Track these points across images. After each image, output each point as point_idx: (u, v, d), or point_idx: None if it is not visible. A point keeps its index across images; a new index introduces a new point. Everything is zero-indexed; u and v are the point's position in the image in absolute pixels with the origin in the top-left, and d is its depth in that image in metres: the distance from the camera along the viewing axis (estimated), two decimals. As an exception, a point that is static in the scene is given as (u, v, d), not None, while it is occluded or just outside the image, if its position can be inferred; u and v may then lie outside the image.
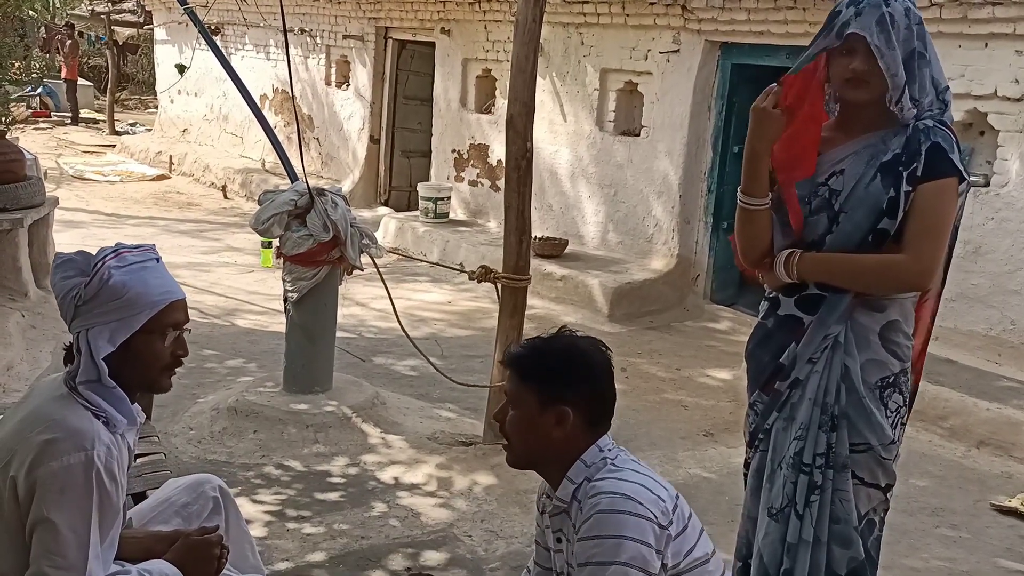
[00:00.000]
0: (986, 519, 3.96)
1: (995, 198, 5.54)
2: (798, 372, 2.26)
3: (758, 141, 2.26)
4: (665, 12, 7.11)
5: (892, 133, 2.19)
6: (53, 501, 1.80)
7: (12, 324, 5.24)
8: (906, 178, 2.14)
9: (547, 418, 1.97)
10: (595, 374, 2.01)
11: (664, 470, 4.28)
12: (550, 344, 2.04)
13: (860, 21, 2.11)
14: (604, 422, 2.03)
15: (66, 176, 12.05)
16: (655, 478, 1.96)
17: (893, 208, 2.14)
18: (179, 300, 1.99)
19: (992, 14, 5.35)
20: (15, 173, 5.62)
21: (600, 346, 2.06)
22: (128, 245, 2.00)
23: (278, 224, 4.27)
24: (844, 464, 2.24)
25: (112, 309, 1.89)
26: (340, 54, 10.86)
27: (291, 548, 3.30)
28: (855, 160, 2.20)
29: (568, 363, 1.99)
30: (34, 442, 1.81)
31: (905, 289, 2.23)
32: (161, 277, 1.97)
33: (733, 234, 2.37)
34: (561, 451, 1.99)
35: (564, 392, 1.97)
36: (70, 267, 1.92)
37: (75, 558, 1.81)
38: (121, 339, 1.90)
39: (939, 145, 2.14)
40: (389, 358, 5.70)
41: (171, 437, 4.15)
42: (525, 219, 4.03)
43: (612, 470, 1.95)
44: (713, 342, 6.59)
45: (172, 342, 1.98)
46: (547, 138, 8.11)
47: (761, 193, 2.27)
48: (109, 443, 1.87)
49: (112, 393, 1.90)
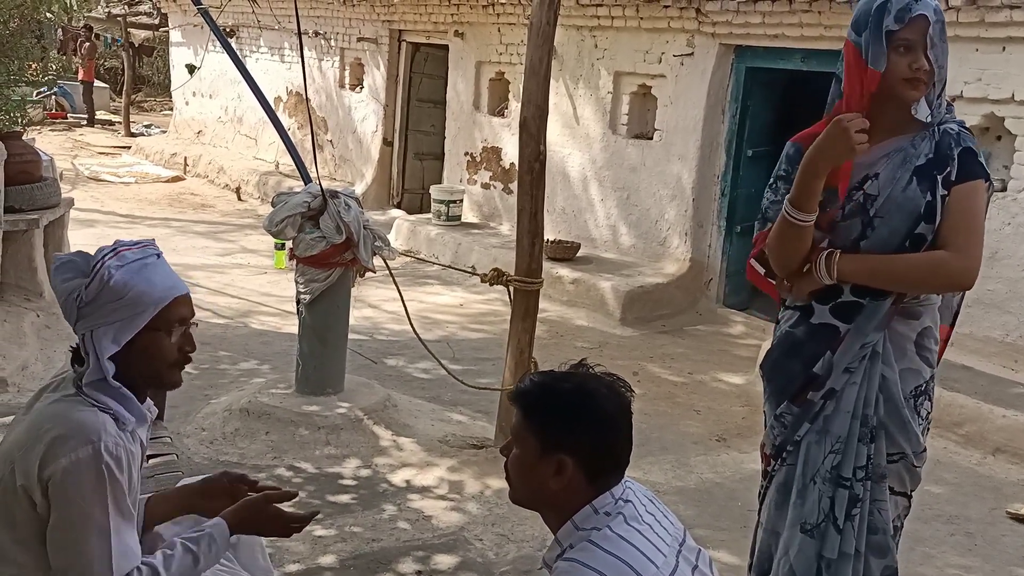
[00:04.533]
0: (1002, 527, 3.93)
1: (1012, 203, 5.49)
2: (833, 382, 2.21)
3: (824, 160, 2.10)
4: (679, 15, 7.09)
5: (919, 137, 2.15)
6: (68, 496, 1.79)
7: (27, 324, 5.27)
8: (941, 182, 2.11)
9: (546, 465, 1.77)
10: (603, 422, 1.77)
11: (676, 475, 4.26)
12: (559, 383, 1.81)
13: (923, 4, 2.04)
14: (610, 476, 1.79)
15: (81, 177, 12.13)
16: (645, 553, 1.68)
17: (931, 213, 2.11)
18: (183, 295, 1.96)
19: (1010, 17, 5.31)
20: (31, 174, 5.65)
21: (617, 388, 1.82)
22: (127, 242, 1.96)
23: (291, 226, 4.28)
24: (882, 475, 2.21)
25: (115, 309, 1.87)
26: (354, 57, 10.89)
27: (302, 550, 3.30)
28: (888, 164, 2.16)
29: (574, 408, 1.77)
30: (43, 440, 1.81)
31: (952, 288, 2.20)
32: (163, 273, 1.94)
33: (757, 234, 2.31)
34: (558, 502, 1.80)
35: (565, 439, 1.76)
36: (69, 269, 1.90)
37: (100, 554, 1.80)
38: (126, 338, 1.88)
39: (971, 149, 2.13)
40: (401, 360, 5.70)
41: (183, 438, 4.16)
42: (538, 222, 4.03)
43: (593, 542, 1.70)
44: (726, 346, 6.56)
45: (179, 338, 1.95)
46: (560, 141, 8.10)
47: (812, 209, 2.15)
48: (117, 435, 1.85)
49: (118, 392, 1.90)
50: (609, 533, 1.70)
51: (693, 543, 1.84)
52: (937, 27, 2.07)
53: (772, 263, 2.29)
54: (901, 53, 2.08)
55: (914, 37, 2.07)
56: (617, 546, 1.68)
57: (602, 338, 6.52)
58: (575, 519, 1.76)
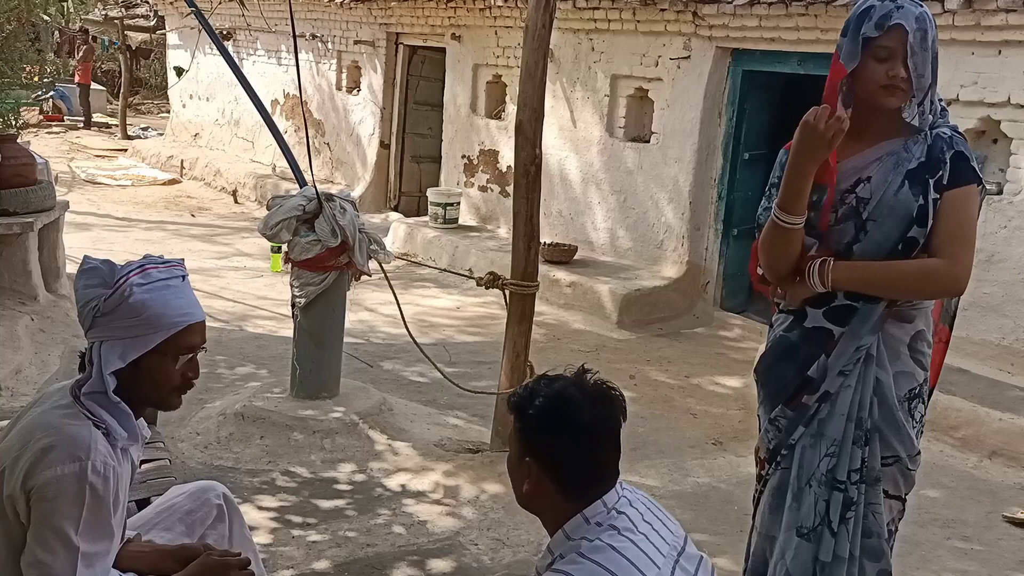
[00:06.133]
0: (998, 531, 3.92)
1: (1008, 206, 5.49)
2: (828, 385, 2.22)
3: (807, 162, 2.11)
4: (676, 18, 7.09)
5: (912, 140, 2.16)
6: (45, 509, 1.78)
7: (21, 328, 5.25)
8: (933, 186, 2.12)
9: (521, 469, 1.76)
10: (574, 431, 1.71)
11: (672, 479, 4.25)
12: (544, 387, 1.77)
13: (903, 13, 2.06)
14: (591, 486, 1.73)
15: (78, 180, 12.10)
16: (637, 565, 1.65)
17: (923, 217, 2.12)
18: (197, 323, 1.94)
19: (1006, 21, 5.31)
20: (26, 177, 5.63)
21: (603, 397, 1.75)
22: (156, 259, 1.95)
23: (287, 229, 4.26)
24: (876, 478, 2.21)
25: (128, 326, 1.86)
26: (351, 59, 10.89)
27: (296, 555, 3.28)
28: (880, 167, 2.16)
29: (544, 413, 1.72)
30: (31, 450, 1.80)
31: (943, 294, 2.22)
32: (183, 297, 1.93)
33: (756, 243, 2.31)
34: (536, 508, 1.79)
35: (533, 444, 1.74)
36: (94, 276, 1.89)
37: (62, 568, 1.79)
38: (132, 357, 1.87)
39: (963, 153, 2.14)
40: (397, 364, 5.69)
41: (178, 442, 4.15)
42: (534, 225, 4.02)
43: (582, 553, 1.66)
44: (723, 349, 6.55)
45: (184, 364, 1.94)
46: (557, 144, 8.10)
47: (801, 212, 2.16)
48: (107, 453, 1.83)
49: (116, 407, 1.88)
50: (600, 543, 1.67)
51: (695, 550, 1.82)
52: (918, 35, 2.07)
53: (763, 268, 2.30)
54: (880, 60, 2.10)
55: (893, 45, 2.09)
56: (607, 557, 1.65)
57: (599, 341, 6.51)
58: (566, 528, 1.73)
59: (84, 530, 1.80)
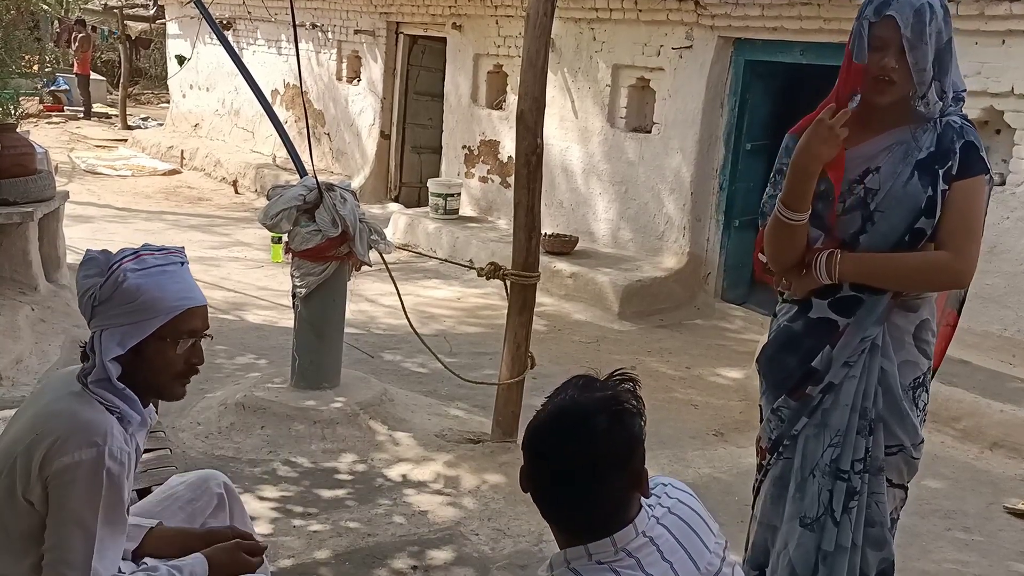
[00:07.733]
0: (999, 522, 3.92)
1: (1011, 197, 5.47)
2: (832, 376, 2.21)
3: (812, 160, 2.11)
4: (678, 7, 7.06)
5: (921, 129, 2.14)
6: (62, 495, 1.79)
7: (22, 318, 5.24)
8: (942, 176, 2.10)
9: None
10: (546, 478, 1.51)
11: (673, 470, 4.25)
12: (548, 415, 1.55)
13: (899, 5, 2.04)
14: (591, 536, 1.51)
15: (78, 170, 12.09)
16: None
17: (931, 208, 2.11)
18: (198, 307, 1.93)
19: (1010, 11, 5.29)
20: (25, 167, 5.63)
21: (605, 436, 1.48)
22: (154, 247, 1.95)
23: (287, 219, 4.25)
24: (880, 467, 2.22)
25: (125, 312, 1.85)
26: (351, 49, 10.85)
27: (296, 545, 3.28)
28: (890, 157, 2.14)
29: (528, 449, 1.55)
30: (47, 437, 1.80)
31: (948, 287, 2.23)
32: (181, 282, 1.91)
33: (760, 233, 2.30)
34: None
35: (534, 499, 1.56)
36: (92, 266, 1.90)
37: (80, 553, 1.79)
38: (132, 343, 1.87)
39: (973, 144, 2.12)
40: (398, 354, 5.68)
41: (179, 432, 4.15)
42: (535, 216, 4.00)
43: None
44: (724, 341, 6.54)
45: (187, 350, 1.92)
46: (558, 134, 8.08)
47: (804, 209, 2.15)
48: (122, 439, 1.84)
49: (123, 393, 1.88)
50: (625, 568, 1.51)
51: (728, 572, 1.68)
52: (916, 29, 2.03)
53: (768, 260, 2.29)
54: (875, 49, 2.09)
55: (885, 35, 2.07)
56: None
57: (600, 332, 6.51)
58: (568, 553, 1.54)
59: (101, 515, 1.80)
